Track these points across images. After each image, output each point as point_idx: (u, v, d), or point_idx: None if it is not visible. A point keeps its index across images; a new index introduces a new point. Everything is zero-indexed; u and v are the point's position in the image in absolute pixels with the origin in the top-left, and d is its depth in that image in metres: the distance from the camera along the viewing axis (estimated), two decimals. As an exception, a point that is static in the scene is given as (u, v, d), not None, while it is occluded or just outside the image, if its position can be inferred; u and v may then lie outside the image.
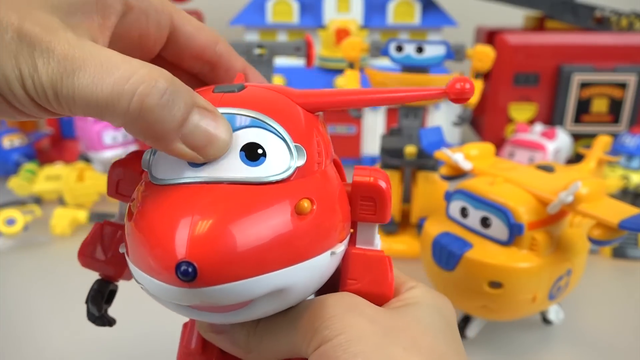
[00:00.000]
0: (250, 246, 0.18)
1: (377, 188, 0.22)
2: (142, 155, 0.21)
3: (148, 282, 0.18)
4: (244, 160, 0.19)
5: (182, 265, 0.17)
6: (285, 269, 0.18)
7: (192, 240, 0.17)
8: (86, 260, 0.25)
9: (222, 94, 0.21)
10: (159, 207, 0.18)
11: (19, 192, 0.62)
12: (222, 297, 0.18)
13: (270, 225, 0.18)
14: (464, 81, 0.21)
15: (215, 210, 0.18)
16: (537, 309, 0.38)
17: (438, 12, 0.77)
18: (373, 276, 0.22)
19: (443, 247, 0.37)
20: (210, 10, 0.89)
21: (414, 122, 0.53)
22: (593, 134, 0.58)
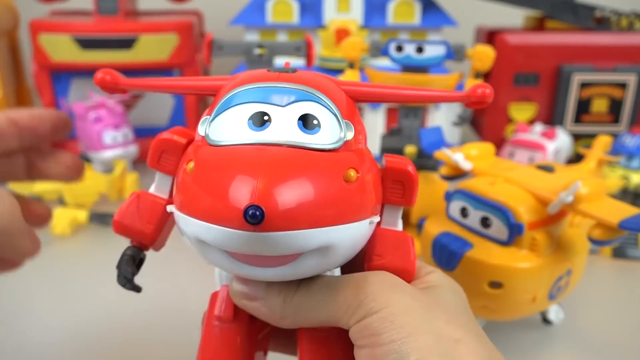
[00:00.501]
0: (309, 200, 0.20)
1: (407, 173, 0.24)
2: (186, 131, 0.24)
3: (209, 230, 0.20)
4: (302, 128, 0.21)
5: (250, 208, 0.18)
6: (335, 227, 0.20)
7: (261, 188, 0.19)
8: (122, 226, 0.26)
9: (278, 72, 0.23)
10: (226, 161, 0.20)
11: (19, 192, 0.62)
12: (281, 244, 0.20)
13: (326, 185, 0.20)
14: (484, 87, 0.23)
15: (280, 166, 0.20)
16: (537, 309, 0.38)
17: (438, 12, 0.77)
18: (397, 253, 0.25)
19: (443, 247, 0.37)
20: (210, 10, 0.90)
21: (414, 122, 0.53)
22: (593, 134, 0.58)
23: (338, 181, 0.21)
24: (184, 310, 0.40)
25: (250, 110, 0.22)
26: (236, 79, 0.24)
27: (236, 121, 0.22)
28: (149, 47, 0.71)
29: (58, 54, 0.71)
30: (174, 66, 0.75)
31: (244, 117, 0.22)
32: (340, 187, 0.21)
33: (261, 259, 0.21)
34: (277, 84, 0.22)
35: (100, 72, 0.25)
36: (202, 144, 0.22)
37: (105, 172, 0.66)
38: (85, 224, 0.59)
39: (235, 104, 0.22)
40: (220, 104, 0.23)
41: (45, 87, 0.74)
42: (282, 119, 0.21)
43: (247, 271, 0.21)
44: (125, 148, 0.67)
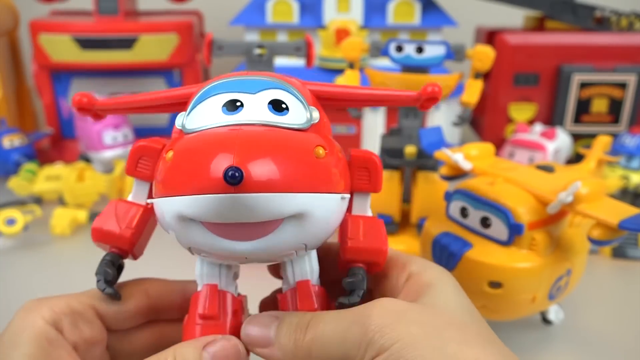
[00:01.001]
0: (284, 166, 0.21)
1: (371, 159, 0.26)
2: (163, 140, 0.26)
3: (189, 203, 0.21)
4: (272, 110, 0.23)
5: (230, 170, 0.20)
6: (309, 194, 0.22)
7: (239, 153, 0.20)
8: (100, 232, 0.26)
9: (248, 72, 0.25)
10: (203, 140, 0.22)
11: (19, 192, 0.62)
12: (261, 207, 0.21)
13: (298, 155, 0.22)
14: (434, 85, 0.26)
15: (255, 138, 0.21)
16: (537, 309, 0.38)
17: (438, 12, 0.77)
18: (370, 234, 0.26)
19: (443, 247, 0.37)
20: (210, 11, 0.90)
21: (414, 122, 0.53)
22: (593, 134, 0.58)
23: (309, 154, 0.22)
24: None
25: (223, 99, 0.23)
26: (211, 80, 0.26)
27: (210, 109, 0.23)
28: (149, 47, 0.71)
29: (58, 54, 0.71)
30: (174, 66, 0.75)
31: (217, 105, 0.23)
32: (312, 159, 0.22)
33: (241, 231, 0.22)
34: (247, 77, 0.24)
35: (77, 95, 0.26)
36: (179, 135, 0.24)
37: (105, 172, 0.66)
38: (85, 224, 0.59)
39: (209, 96, 0.24)
40: (194, 99, 0.24)
41: (45, 87, 0.75)
42: (254, 103, 0.23)
43: (228, 246, 0.22)
44: (125, 148, 0.67)
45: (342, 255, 0.26)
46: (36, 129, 0.82)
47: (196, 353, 0.24)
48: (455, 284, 0.26)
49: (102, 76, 0.76)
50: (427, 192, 0.52)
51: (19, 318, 0.25)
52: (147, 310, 0.28)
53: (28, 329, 0.24)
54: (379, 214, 0.55)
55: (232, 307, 0.26)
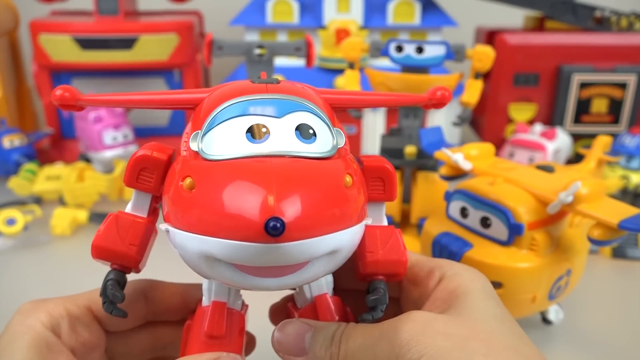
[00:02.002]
0: (322, 210, 0.20)
1: (385, 169, 0.25)
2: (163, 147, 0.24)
3: (222, 246, 0.20)
4: (300, 138, 0.22)
5: (271, 221, 0.19)
6: (342, 231, 0.21)
7: (278, 199, 0.19)
8: (103, 250, 0.24)
9: (265, 84, 0.23)
10: (232, 175, 0.20)
11: (19, 192, 0.62)
12: (297, 253, 0.20)
13: (332, 192, 0.21)
14: (444, 90, 0.25)
15: (290, 177, 0.20)
16: (537, 309, 0.38)
17: (438, 12, 0.77)
18: (388, 246, 0.25)
19: (443, 247, 0.37)
20: (210, 11, 0.90)
21: (414, 122, 0.53)
22: (593, 134, 0.58)
23: (341, 187, 0.21)
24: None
25: (246, 123, 0.21)
26: (222, 92, 0.24)
27: (232, 135, 0.21)
28: (149, 47, 0.71)
29: (58, 54, 0.71)
30: (174, 66, 0.75)
31: (241, 130, 0.21)
32: (343, 194, 0.21)
33: (271, 270, 0.21)
34: (270, 96, 0.22)
35: (59, 89, 0.23)
36: (195, 159, 0.22)
37: (105, 172, 0.66)
38: (85, 224, 0.59)
39: (229, 118, 0.22)
40: (211, 119, 0.22)
41: (45, 87, 0.75)
42: (280, 130, 0.21)
43: (253, 282, 0.21)
44: (125, 148, 0.67)
45: (362, 268, 0.25)
46: (36, 129, 0.82)
47: None
48: (485, 289, 0.25)
49: (102, 76, 0.76)
50: (427, 192, 0.52)
51: (16, 322, 0.25)
52: (145, 313, 0.28)
53: (26, 334, 0.24)
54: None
55: (238, 326, 0.26)
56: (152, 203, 0.25)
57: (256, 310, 0.30)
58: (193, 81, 0.76)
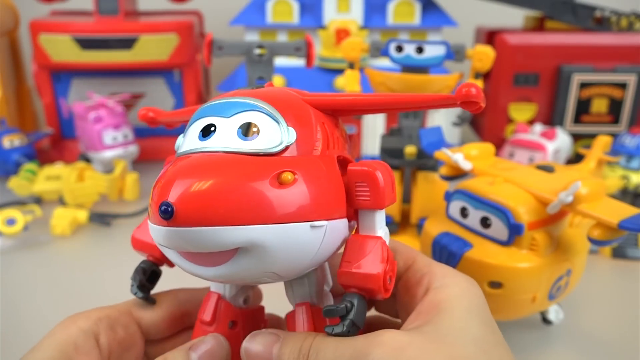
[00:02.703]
0: (223, 199, 0.21)
1: (367, 173, 0.24)
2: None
3: (152, 232, 0.22)
4: (240, 136, 0.23)
5: (162, 205, 0.20)
6: (258, 226, 0.21)
7: (176, 187, 0.21)
8: (138, 242, 0.29)
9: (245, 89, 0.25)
10: (167, 169, 0.23)
11: (19, 192, 0.62)
12: (196, 240, 0.21)
13: (247, 186, 0.21)
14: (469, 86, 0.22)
15: (201, 169, 0.21)
16: (537, 309, 0.38)
17: (438, 12, 0.77)
18: (365, 258, 0.24)
19: (443, 247, 0.37)
20: (210, 11, 0.90)
21: (414, 122, 0.53)
22: (593, 134, 0.58)
23: (265, 183, 0.21)
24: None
25: (202, 123, 0.24)
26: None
27: (192, 134, 0.24)
28: (149, 47, 0.71)
29: (58, 54, 0.71)
30: (174, 66, 0.75)
31: (197, 129, 0.24)
32: (265, 188, 0.21)
33: (201, 258, 0.22)
34: (230, 99, 0.24)
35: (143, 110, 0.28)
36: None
37: (105, 172, 0.66)
38: (85, 224, 0.59)
39: (196, 119, 0.24)
40: (189, 121, 0.25)
41: (45, 87, 0.75)
42: (224, 129, 0.23)
43: (197, 270, 0.23)
44: (125, 148, 0.67)
45: (337, 278, 0.24)
46: (36, 129, 0.82)
47: (184, 356, 0.25)
48: (471, 306, 0.24)
49: (102, 76, 0.76)
50: (427, 192, 0.52)
51: (56, 327, 0.26)
52: (180, 316, 0.30)
53: (57, 335, 0.25)
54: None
55: (229, 317, 0.27)
56: None
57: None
58: (193, 81, 0.77)
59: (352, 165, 0.24)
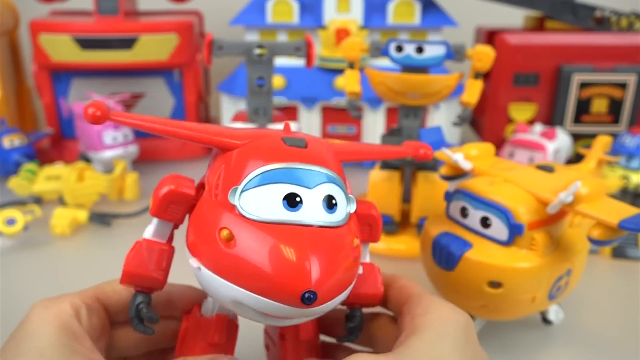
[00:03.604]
0: (341, 275, 0.24)
1: (373, 217, 0.30)
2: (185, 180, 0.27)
3: (257, 300, 0.23)
4: (325, 209, 0.25)
5: (307, 293, 0.23)
6: (350, 288, 0.26)
7: (314, 275, 0.23)
8: (133, 275, 0.27)
9: (296, 148, 0.26)
10: (273, 239, 0.23)
11: (19, 192, 0.62)
12: (320, 312, 0.25)
13: (348, 259, 0.25)
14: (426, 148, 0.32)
15: (321, 251, 0.24)
16: (537, 309, 0.38)
17: (438, 12, 0.77)
18: (367, 282, 0.30)
19: (443, 247, 0.37)
20: (210, 11, 0.90)
21: (414, 122, 0.53)
22: (593, 134, 0.58)
23: (353, 253, 0.25)
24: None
25: (283, 190, 0.24)
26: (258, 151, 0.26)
27: (271, 199, 0.24)
28: (149, 47, 0.71)
29: (58, 54, 0.71)
30: (174, 66, 0.75)
31: (278, 196, 0.24)
32: (355, 257, 0.26)
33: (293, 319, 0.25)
34: (303, 166, 0.25)
35: (91, 107, 0.25)
36: (232, 212, 0.24)
37: (105, 172, 0.66)
38: (85, 224, 0.59)
39: (268, 183, 0.24)
40: (249, 179, 0.24)
41: (45, 87, 0.75)
42: (311, 201, 0.25)
43: (273, 322, 0.25)
44: (125, 148, 0.67)
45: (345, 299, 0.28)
46: (36, 129, 0.82)
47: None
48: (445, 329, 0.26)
49: (102, 76, 0.76)
50: (427, 192, 0.52)
51: (37, 313, 0.26)
52: None
53: (54, 321, 0.26)
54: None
55: (234, 335, 0.30)
56: (172, 231, 0.28)
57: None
58: (193, 81, 0.77)
59: (359, 208, 0.29)
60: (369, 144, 0.35)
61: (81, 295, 0.28)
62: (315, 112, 0.76)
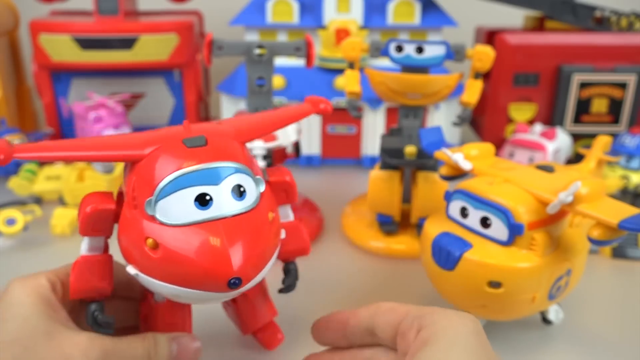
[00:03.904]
0: (262, 255, 0.28)
1: (286, 182, 0.33)
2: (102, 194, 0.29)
3: (188, 293, 0.27)
4: (235, 198, 0.28)
5: (233, 279, 0.26)
6: (274, 256, 0.30)
7: (236, 263, 0.26)
8: (81, 291, 0.30)
9: (196, 147, 0.28)
10: (192, 240, 0.26)
11: (19, 192, 0.62)
12: (249, 287, 0.28)
13: (265, 237, 0.29)
14: (325, 102, 0.35)
15: (238, 238, 0.27)
16: (537, 308, 0.38)
17: (438, 12, 0.77)
18: (294, 239, 0.35)
19: (442, 247, 0.37)
20: (210, 11, 0.90)
21: (414, 122, 0.53)
22: (593, 134, 0.58)
23: (270, 230, 0.29)
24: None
25: (192, 193, 0.27)
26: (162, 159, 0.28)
27: (183, 203, 0.27)
28: (149, 47, 0.71)
29: (58, 54, 0.71)
30: (174, 66, 0.75)
31: (189, 199, 0.27)
32: (272, 233, 0.29)
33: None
34: (207, 165, 0.27)
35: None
36: (152, 222, 0.27)
37: (105, 172, 0.65)
38: (85, 224, 0.59)
39: (177, 189, 0.27)
40: (160, 189, 0.27)
41: (45, 87, 0.75)
42: (220, 195, 0.27)
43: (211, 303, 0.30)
44: (125, 148, 0.67)
45: (278, 256, 0.32)
46: (36, 129, 0.82)
47: (168, 344, 0.31)
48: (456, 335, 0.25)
49: (102, 76, 0.76)
50: (427, 192, 0.52)
51: (16, 288, 0.29)
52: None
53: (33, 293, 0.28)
54: (379, 214, 0.55)
55: (188, 312, 0.34)
56: (105, 241, 0.31)
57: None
58: (193, 81, 0.77)
59: (272, 177, 0.33)
60: (267, 111, 0.35)
61: (56, 272, 0.31)
62: (315, 112, 0.76)
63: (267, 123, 0.34)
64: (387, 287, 0.49)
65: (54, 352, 0.27)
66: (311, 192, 0.66)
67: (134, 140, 0.29)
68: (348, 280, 0.49)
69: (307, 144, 0.77)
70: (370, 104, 0.75)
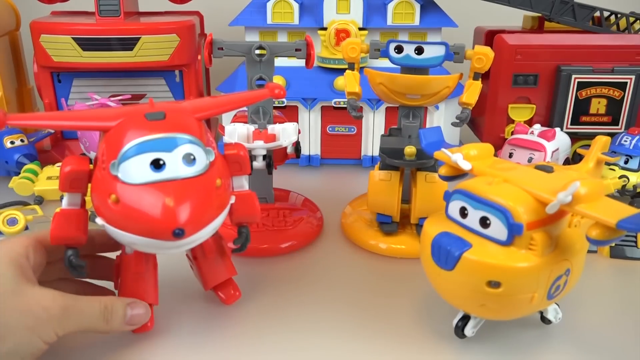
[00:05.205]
0: (206, 212, 0.34)
1: (239, 156, 0.39)
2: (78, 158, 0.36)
3: (143, 242, 0.33)
4: (185, 164, 0.33)
5: (177, 229, 0.31)
6: (220, 217, 0.36)
7: (180, 215, 0.32)
8: (60, 237, 0.36)
9: (155, 121, 0.34)
10: (145, 197, 0.32)
11: (20, 192, 0.62)
12: (190, 243, 0.35)
13: (210, 198, 0.34)
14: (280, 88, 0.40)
15: (185, 195, 0.32)
16: (536, 308, 0.39)
17: (437, 12, 0.77)
18: (244, 206, 0.40)
19: (442, 247, 0.38)
20: (210, 11, 0.90)
21: (414, 123, 0.53)
22: (592, 135, 0.58)
23: (214, 192, 0.34)
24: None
25: (148, 157, 0.32)
26: (126, 128, 0.34)
27: (140, 166, 0.32)
28: (149, 48, 0.71)
29: (59, 54, 0.71)
30: (174, 67, 0.75)
31: (146, 162, 0.32)
32: (217, 195, 0.35)
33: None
34: (162, 135, 0.33)
35: None
36: (115, 180, 0.32)
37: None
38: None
39: (137, 154, 0.32)
40: (123, 153, 0.33)
41: (46, 88, 0.75)
42: (172, 161, 0.33)
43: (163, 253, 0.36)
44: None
45: (231, 222, 0.40)
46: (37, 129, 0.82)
47: (123, 308, 0.37)
48: None
49: (103, 77, 0.76)
50: (427, 192, 0.52)
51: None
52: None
53: (5, 256, 0.34)
54: (378, 214, 0.55)
55: (153, 263, 0.39)
56: (82, 198, 0.36)
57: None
58: (194, 82, 0.77)
59: (226, 151, 0.38)
60: (226, 95, 0.41)
61: (28, 238, 0.37)
62: (315, 113, 0.76)
63: (223, 102, 0.40)
64: (387, 287, 0.49)
65: (20, 306, 0.32)
66: (311, 192, 0.66)
67: (107, 114, 0.35)
68: (348, 280, 0.50)
69: (307, 144, 0.77)
70: (370, 104, 0.75)
